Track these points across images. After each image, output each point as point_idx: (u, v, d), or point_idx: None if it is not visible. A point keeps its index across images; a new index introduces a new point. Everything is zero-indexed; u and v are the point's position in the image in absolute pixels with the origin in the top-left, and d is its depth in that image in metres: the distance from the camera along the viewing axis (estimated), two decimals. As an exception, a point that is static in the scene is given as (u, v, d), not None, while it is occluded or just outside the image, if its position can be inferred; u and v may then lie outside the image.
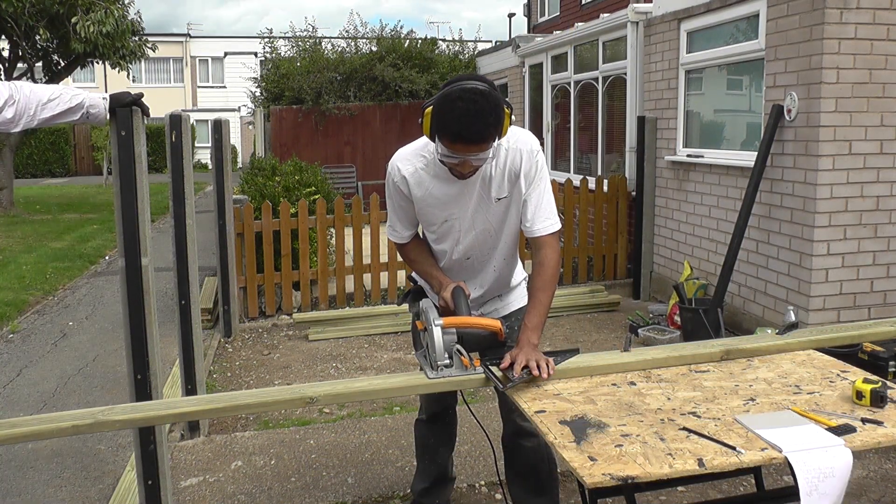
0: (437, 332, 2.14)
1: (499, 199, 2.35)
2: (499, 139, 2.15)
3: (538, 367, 2.13)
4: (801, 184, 4.79)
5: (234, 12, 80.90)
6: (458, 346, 2.17)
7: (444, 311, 2.31)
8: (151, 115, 2.98)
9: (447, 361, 2.15)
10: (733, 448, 1.72)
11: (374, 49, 13.32)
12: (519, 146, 2.32)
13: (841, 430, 1.79)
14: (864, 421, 1.85)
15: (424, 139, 2.37)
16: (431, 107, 2.13)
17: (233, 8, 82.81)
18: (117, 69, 13.86)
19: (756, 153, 5.10)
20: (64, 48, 13.07)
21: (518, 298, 2.67)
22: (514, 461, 2.74)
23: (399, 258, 6.43)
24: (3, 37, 12.89)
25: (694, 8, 5.96)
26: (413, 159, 2.38)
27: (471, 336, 2.21)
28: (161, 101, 25.88)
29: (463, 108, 2.04)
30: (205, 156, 25.60)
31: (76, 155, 26.41)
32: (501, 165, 2.32)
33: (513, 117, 2.21)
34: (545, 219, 2.37)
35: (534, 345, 2.22)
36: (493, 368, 2.18)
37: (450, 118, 2.06)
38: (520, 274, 2.68)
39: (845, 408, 1.95)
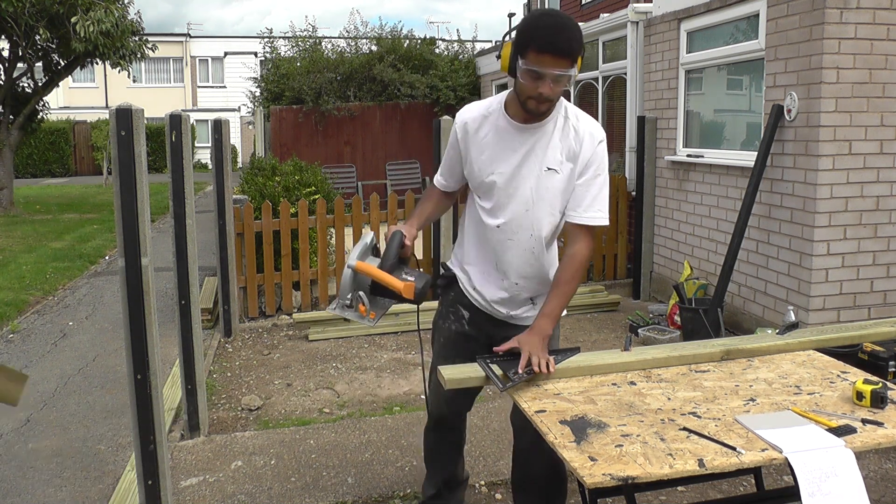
0: (345, 273, 2.30)
1: (548, 170, 2.29)
2: (577, 69, 2.14)
3: (539, 364, 2.12)
4: (801, 184, 4.79)
5: (237, 12, 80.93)
6: (361, 294, 2.29)
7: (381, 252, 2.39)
8: (152, 115, 3.00)
9: (348, 302, 2.29)
10: (733, 448, 1.72)
11: (374, 49, 13.33)
12: (587, 128, 2.30)
13: (841, 431, 1.79)
14: (864, 422, 1.85)
15: (489, 100, 2.41)
16: (512, 38, 2.17)
17: (236, 8, 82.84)
18: (117, 69, 13.85)
19: (756, 153, 5.10)
20: (64, 48, 13.07)
21: None
22: (526, 473, 2.65)
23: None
24: (3, 37, 12.89)
25: (694, 8, 5.96)
26: (480, 108, 2.40)
27: (381, 288, 2.30)
28: (161, 101, 26.01)
29: (552, 21, 2.09)
30: (205, 156, 25.61)
31: (76, 155, 26.41)
32: (559, 136, 2.28)
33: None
34: (598, 210, 2.31)
35: (546, 334, 2.20)
36: (494, 367, 2.18)
37: (539, 28, 2.09)
38: None
39: (845, 408, 1.95)
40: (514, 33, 2.17)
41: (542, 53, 2.07)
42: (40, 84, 14.10)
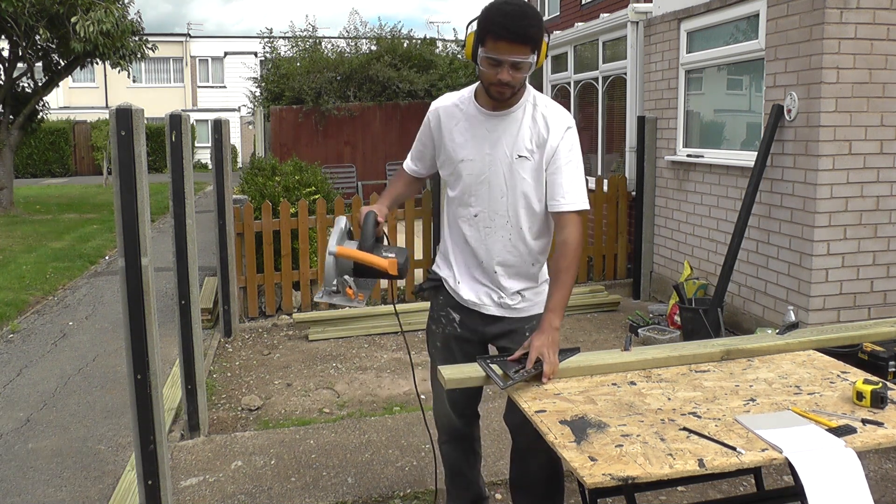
0: (328, 260, 2.28)
1: (519, 157, 2.32)
2: (538, 54, 2.18)
3: (548, 370, 2.13)
4: (801, 184, 4.79)
5: (238, 12, 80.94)
6: (347, 277, 2.30)
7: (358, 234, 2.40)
8: (152, 115, 3.00)
9: (334, 288, 2.28)
10: (734, 448, 1.72)
11: (373, 49, 13.34)
12: (554, 116, 2.33)
13: (841, 431, 1.79)
14: (864, 422, 1.85)
15: (461, 91, 2.47)
16: (474, 25, 2.20)
17: (236, 8, 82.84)
18: (117, 69, 13.86)
19: (756, 153, 5.10)
20: (64, 48, 13.07)
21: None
22: (524, 473, 2.63)
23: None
24: (3, 37, 12.89)
25: (694, 8, 5.96)
26: (453, 98, 2.46)
27: (364, 269, 2.33)
28: (161, 101, 26.01)
29: (509, 9, 2.13)
30: (205, 156, 25.61)
31: (76, 155, 26.42)
32: (529, 123, 2.31)
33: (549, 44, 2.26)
34: (576, 195, 2.32)
35: (555, 328, 2.20)
36: (494, 367, 2.18)
37: (496, 16, 2.13)
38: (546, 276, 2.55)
39: (845, 408, 1.95)
40: (475, 22, 2.21)
41: (499, 40, 2.12)
42: (40, 84, 14.10)
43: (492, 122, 2.33)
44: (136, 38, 13.71)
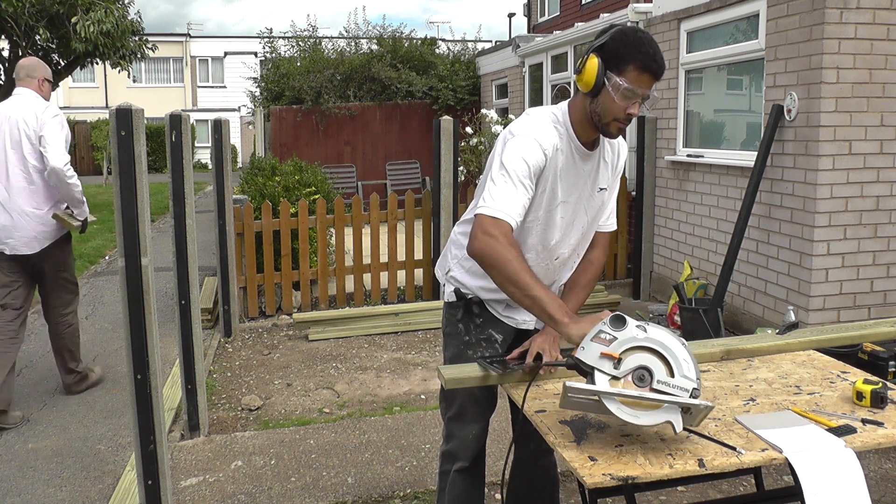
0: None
1: (601, 190, 2.22)
2: None
3: (544, 358, 2.11)
4: (801, 184, 4.80)
5: (238, 12, 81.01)
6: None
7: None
8: (152, 115, 3.00)
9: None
10: (734, 448, 1.72)
11: (374, 48, 13.34)
12: (622, 141, 2.26)
13: (841, 431, 1.79)
14: (864, 422, 1.85)
15: (538, 115, 2.13)
16: (598, 49, 1.96)
17: (236, 7, 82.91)
18: (117, 69, 13.84)
19: (756, 153, 5.10)
20: (64, 48, 13.06)
21: None
22: (529, 481, 2.58)
23: (400, 257, 6.45)
24: (3, 37, 12.89)
25: (694, 8, 5.96)
26: (551, 131, 2.08)
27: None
28: (161, 101, 26.02)
29: (649, 39, 1.94)
30: (205, 156, 25.62)
31: (76, 155, 26.36)
32: (605, 153, 2.21)
33: None
34: (614, 217, 2.36)
35: (557, 335, 2.19)
36: (494, 366, 2.17)
37: (641, 45, 1.92)
38: None
39: (845, 408, 1.95)
40: (604, 47, 1.95)
41: (644, 72, 1.92)
42: (40, 84, 14.08)
43: (587, 161, 2.15)
44: (137, 38, 13.70)
